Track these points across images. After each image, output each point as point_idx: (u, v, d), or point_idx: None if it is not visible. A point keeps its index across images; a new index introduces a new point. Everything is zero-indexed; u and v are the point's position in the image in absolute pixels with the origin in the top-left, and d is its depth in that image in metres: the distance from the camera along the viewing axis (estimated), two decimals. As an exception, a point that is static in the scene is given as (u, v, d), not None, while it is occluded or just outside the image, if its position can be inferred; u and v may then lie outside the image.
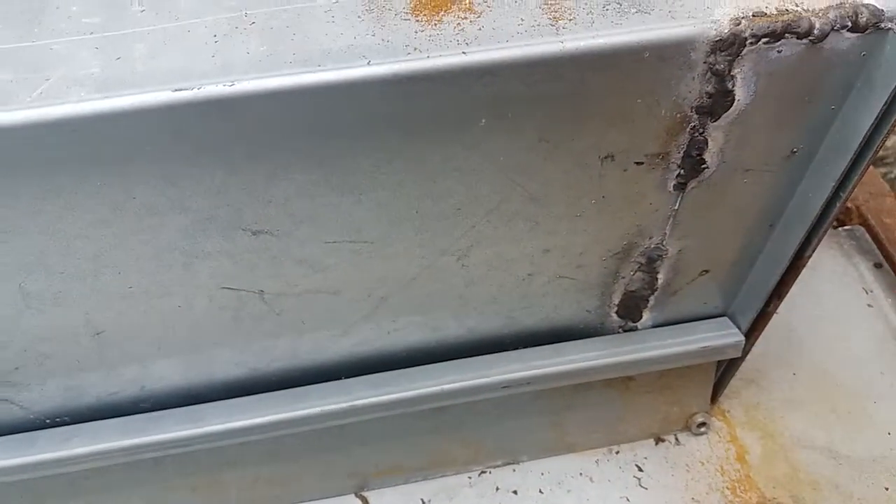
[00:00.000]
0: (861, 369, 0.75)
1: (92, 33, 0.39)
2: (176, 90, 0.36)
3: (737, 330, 0.62)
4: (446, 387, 0.58)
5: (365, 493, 0.67)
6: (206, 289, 0.48)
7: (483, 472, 0.69)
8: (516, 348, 0.61)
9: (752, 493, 0.67)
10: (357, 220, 0.46)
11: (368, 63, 0.38)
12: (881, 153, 0.90)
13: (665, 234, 0.53)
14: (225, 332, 0.53)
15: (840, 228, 0.85)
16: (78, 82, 0.37)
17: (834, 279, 0.81)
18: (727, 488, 0.68)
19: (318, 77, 0.37)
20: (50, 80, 0.37)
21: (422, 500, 0.67)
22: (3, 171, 0.38)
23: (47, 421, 0.58)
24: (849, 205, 0.87)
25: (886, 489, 0.67)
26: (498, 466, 0.69)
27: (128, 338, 0.51)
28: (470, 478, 0.68)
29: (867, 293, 0.80)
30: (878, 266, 0.82)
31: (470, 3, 0.41)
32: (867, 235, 0.84)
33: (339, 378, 0.60)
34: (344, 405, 0.58)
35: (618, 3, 0.41)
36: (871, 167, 0.65)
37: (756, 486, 0.68)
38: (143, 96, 0.36)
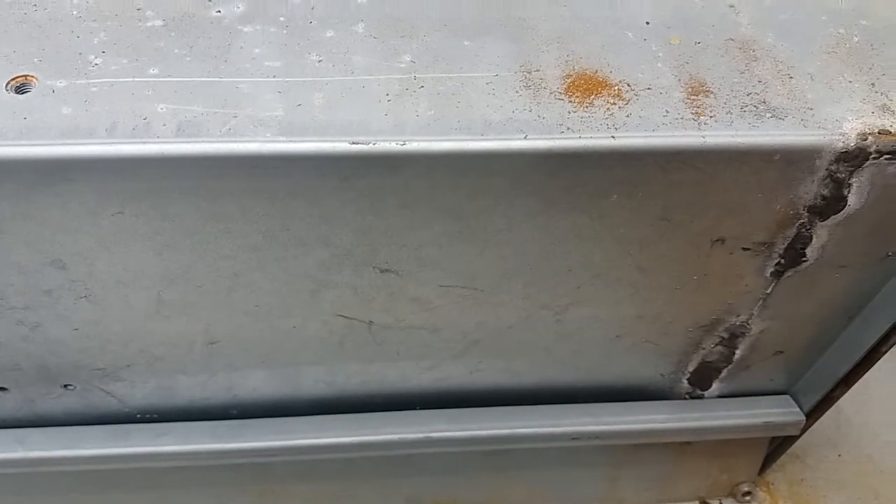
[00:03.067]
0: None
1: (274, 77, 0.43)
2: (353, 143, 0.40)
3: (798, 410, 0.64)
4: (519, 431, 0.61)
5: (418, 520, 0.70)
6: (323, 314, 0.51)
7: (533, 513, 0.71)
8: (585, 401, 0.64)
9: (791, 566, 0.70)
10: (474, 269, 0.49)
11: (526, 137, 0.41)
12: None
13: (752, 314, 0.56)
14: (326, 355, 0.56)
15: None
16: (263, 123, 0.40)
17: (884, 365, 0.83)
18: (767, 559, 0.70)
19: (481, 145, 0.41)
20: (237, 117, 0.40)
21: (472, 534, 0.70)
22: (179, 193, 0.41)
23: (137, 416, 0.62)
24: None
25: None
26: (547, 511, 0.72)
27: (238, 350, 0.54)
28: (521, 518, 0.71)
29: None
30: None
31: (619, 90, 0.44)
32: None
33: (413, 407, 0.63)
34: (420, 436, 0.61)
35: (754, 106, 0.44)
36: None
37: (795, 561, 0.70)
38: (323, 144, 0.40)
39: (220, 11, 0.46)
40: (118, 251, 0.45)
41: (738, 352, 0.60)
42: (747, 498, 0.73)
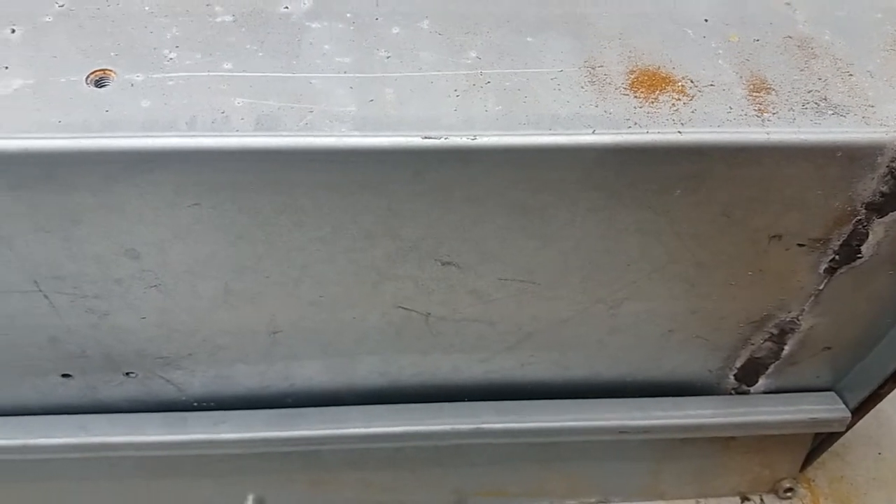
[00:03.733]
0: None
1: (345, 73, 0.44)
2: (426, 137, 0.41)
3: (844, 406, 0.65)
4: (569, 424, 0.62)
5: (463, 510, 0.71)
6: (384, 306, 0.52)
7: (576, 505, 0.72)
8: (632, 395, 0.65)
9: (832, 561, 0.70)
10: (534, 263, 0.50)
11: (594, 132, 0.42)
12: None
13: (803, 310, 0.56)
14: (383, 345, 0.57)
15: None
16: (337, 118, 0.41)
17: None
18: (808, 554, 0.71)
19: (550, 140, 0.41)
20: (313, 112, 0.42)
21: (517, 524, 0.71)
22: (256, 186, 0.43)
23: (194, 403, 0.63)
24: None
25: (964, 578, 0.69)
26: (591, 503, 0.72)
27: (300, 340, 0.55)
28: (565, 510, 0.72)
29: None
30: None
31: (683, 86, 0.45)
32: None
33: (463, 398, 0.64)
34: (470, 427, 0.62)
35: (815, 104, 0.45)
36: None
37: (836, 556, 0.70)
38: (396, 139, 0.41)
39: (287, 8, 0.47)
40: (191, 242, 0.46)
41: (786, 348, 0.60)
42: (788, 494, 0.73)
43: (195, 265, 0.48)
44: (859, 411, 0.65)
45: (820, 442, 0.70)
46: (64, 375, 0.57)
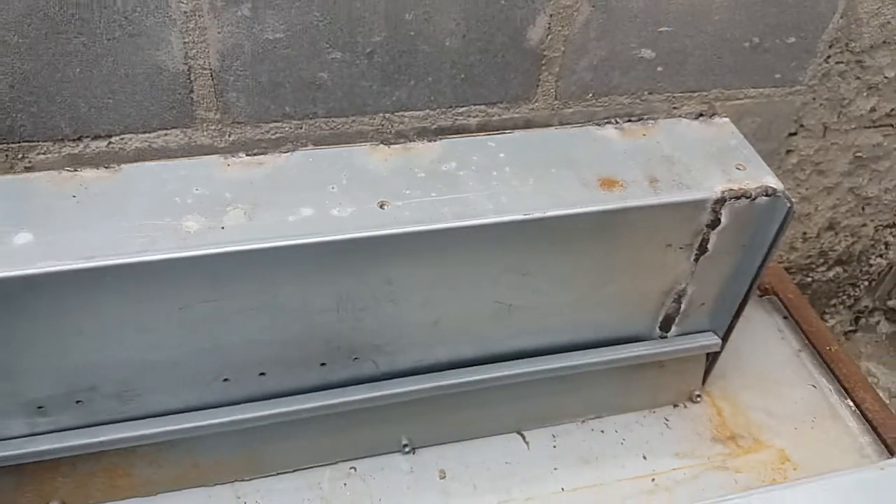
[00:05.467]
0: (779, 370, 1.35)
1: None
2: (525, 215, 0.95)
3: (717, 337, 1.21)
4: (571, 363, 1.15)
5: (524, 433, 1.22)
6: (491, 301, 1.05)
7: (584, 420, 1.24)
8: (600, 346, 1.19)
9: (726, 431, 1.25)
10: (540, 285, 1.04)
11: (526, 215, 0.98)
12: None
13: (687, 283, 1.13)
14: (487, 326, 1.08)
15: (764, 297, 1.48)
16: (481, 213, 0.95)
17: (761, 326, 1.43)
18: (714, 429, 1.26)
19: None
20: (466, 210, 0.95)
21: (552, 434, 1.22)
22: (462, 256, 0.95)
23: (381, 376, 1.11)
24: (766, 287, 1.50)
25: (796, 428, 1.26)
26: (591, 418, 1.25)
27: (455, 328, 1.06)
28: (579, 423, 1.24)
29: (780, 331, 1.41)
30: (785, 318, 1.44)
31: (620, 183, 1.01)
32: (778, 301, 1.47)
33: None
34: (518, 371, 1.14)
35: (661, 172, 1.02)
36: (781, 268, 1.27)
37: (728, 428, 1.26)
38: (530, 215, 0.95)
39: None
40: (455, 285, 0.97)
41: (682, 306, 1.17)
42: (698, 399, 1.29)
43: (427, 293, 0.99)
44: (725, 339, 1.22)
45: (710, 364, 1.26)
46: (322, 364, 1.05)
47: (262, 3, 1.22)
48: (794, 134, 1.76)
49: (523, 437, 1.22)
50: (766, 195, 1.03)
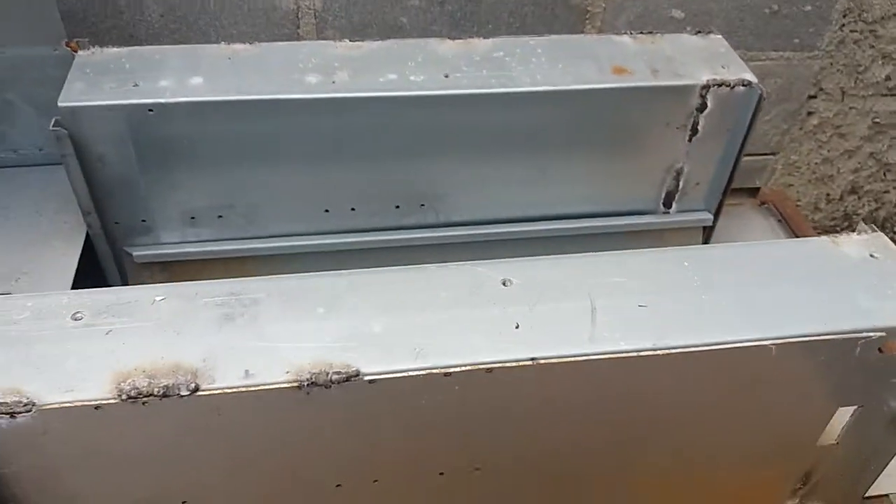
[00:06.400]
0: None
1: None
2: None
3: (710, 214, 1.50)
4: (594, 224, 1.45)
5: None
6: (524, 166, 1.37)
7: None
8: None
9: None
10: (564, 156, 1.36)
11: (602, 82, 1.30)
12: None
13: (684, 162, 1.43)
14: (520, 190, 1.40)
15: (763, 206, 1.76)
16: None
17: (756, 224, 1.71)
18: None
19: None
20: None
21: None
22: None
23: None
24: (768, 199, 1.78)
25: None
26: (607, 280, 1.55)
27: (495, 188, 1.38)
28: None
29: (772, 229, 1.69)
30: (779, 221, 1.72)
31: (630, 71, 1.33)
32: (775, 209, 1.75)
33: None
34: (543, 227, 1.45)
35: (661, 66, 1.33)
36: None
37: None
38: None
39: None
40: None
41: (680, 184, 1.46)
42: (697, 273, 1.57)
43: (466, 142, 1.32)
44: (716, 216, 1.50)
45: (705, 239, 1.55)
46: (396, 207, 1.39)
47: (361, -47, 1.59)
48: (814, 97, 2.05)
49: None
50: (743, 85, 1.33)
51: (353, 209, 1.37)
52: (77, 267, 1.20)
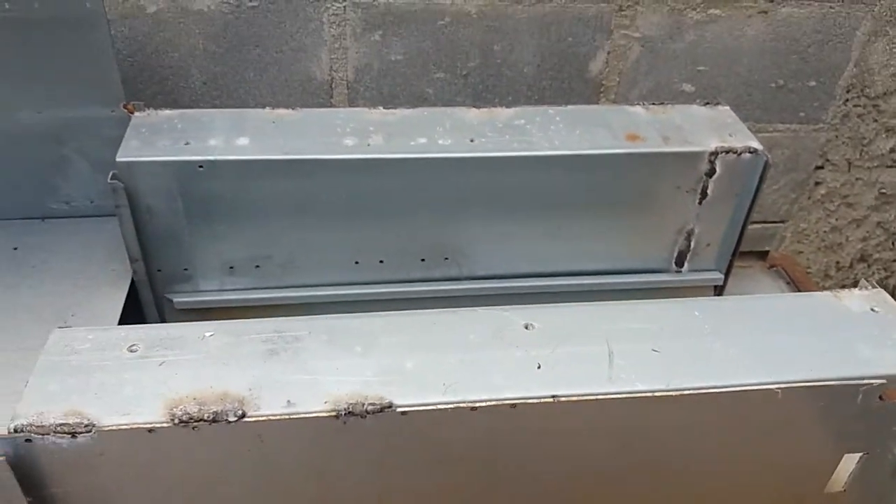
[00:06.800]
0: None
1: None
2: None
3: (720, 274, 1.57)
4: (609, 281, 1.52)
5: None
6: (541, 226, 1.45)
7: (616, 337, 1.61)
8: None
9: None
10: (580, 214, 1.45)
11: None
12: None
13: (695, 223, 1.51)
14: (538, 247, 1.48)
15: (772, 269, 1.83)
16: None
17: (765, 285, 1.77)
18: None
19: (605, 149, 1.39)
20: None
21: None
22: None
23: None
24: (777, 263, 1.85)
25: (787, 355, 1.59)
26: (622, 336, 1.61)
27: (514, 243, 1.47)
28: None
29: (780, 291, 1.75)
30: (787, 283, 1.78)
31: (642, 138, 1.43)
32: (784, 273, 1.81)
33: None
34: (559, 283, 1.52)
35: (672, 134, 1.42)
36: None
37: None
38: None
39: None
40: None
41: (692, 244, 1.54)
42: (709, 331, 1.63)
43: (489, 201, 1.41)
44: (726, 275, 1.57)
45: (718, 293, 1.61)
46: (422, 260, 1.47)
47: (391, 31, 1.73)
48: (821, 168, 2.14)
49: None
50: (749, 152, 1.42)
51: (381, 261, 1.45)
52: (122, 310, 1.28)
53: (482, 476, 0.95)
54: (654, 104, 1.57)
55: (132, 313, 1.33)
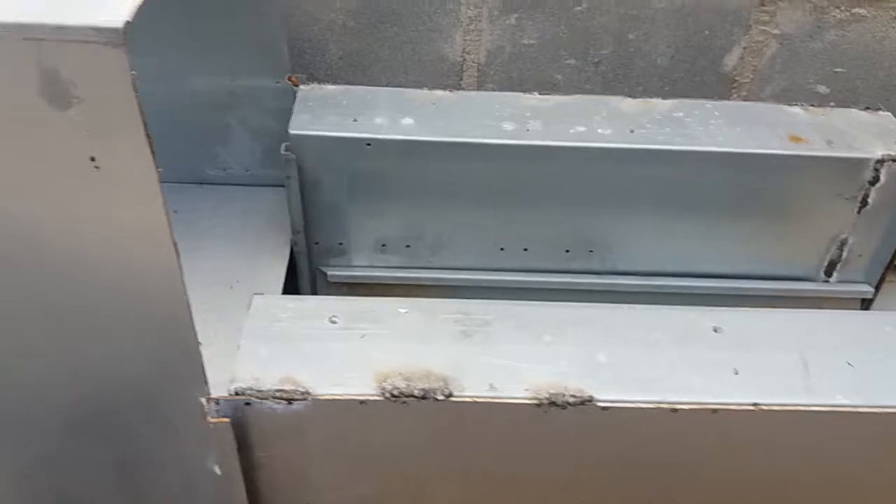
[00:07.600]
0: None
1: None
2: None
3: (870, 286, 1.52)
4: (756, 286, 1.49)
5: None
6: (695, 223, 1.43)
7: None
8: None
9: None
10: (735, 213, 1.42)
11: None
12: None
13: (850, 232, 1.46)
14: (687, 246, 1.46)
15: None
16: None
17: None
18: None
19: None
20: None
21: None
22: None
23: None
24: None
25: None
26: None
27: (663, 240, 1.45)
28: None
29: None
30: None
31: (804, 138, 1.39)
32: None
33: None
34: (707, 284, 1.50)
35: (835, 138, 1.38)
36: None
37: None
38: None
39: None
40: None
41: (844, 254, 1.50)
42: (848, 343, 1.59)
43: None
44: (877, 289, 1.53)
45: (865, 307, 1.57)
46: (566, 251, 1.46)
47: (526, 15, 1.72)
48: None
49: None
50: (920, 160, 1.37)
51: (525, 249, 1.44)
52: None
53: (670, 479, 0.95)
54: (812, 105, 1.52)
55: (287, 283, 1.35)
